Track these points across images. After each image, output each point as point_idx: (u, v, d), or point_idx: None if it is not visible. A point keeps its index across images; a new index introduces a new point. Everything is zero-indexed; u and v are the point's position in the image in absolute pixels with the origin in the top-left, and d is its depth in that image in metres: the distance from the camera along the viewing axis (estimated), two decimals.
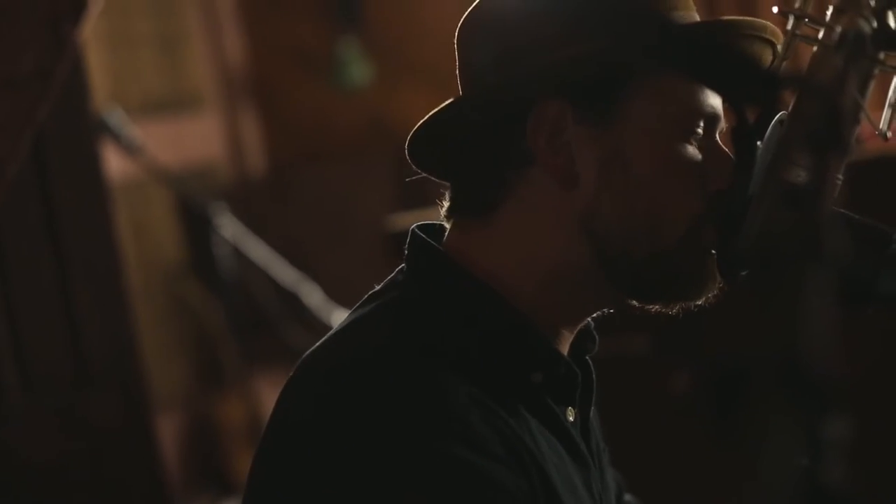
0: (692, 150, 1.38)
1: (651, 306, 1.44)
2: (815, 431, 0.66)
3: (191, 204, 4.53)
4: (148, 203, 5.19)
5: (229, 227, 4.28)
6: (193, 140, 5.64)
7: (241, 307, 4.76)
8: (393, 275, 1.45)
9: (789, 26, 1.36)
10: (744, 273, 1.37)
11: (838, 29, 1.15)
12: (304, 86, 6.00)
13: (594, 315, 1.48)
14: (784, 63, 1.38)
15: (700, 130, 1.39)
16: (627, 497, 1.76)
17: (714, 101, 1.39)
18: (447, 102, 1.42)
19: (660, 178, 1.37)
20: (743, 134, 1.32)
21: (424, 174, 1.47)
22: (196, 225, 4.58)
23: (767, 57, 1.41)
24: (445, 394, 1.30)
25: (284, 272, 4.15)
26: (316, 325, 3.86)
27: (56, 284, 3.29)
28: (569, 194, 1.38)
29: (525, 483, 1.30)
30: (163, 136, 5.19)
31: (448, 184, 1.46)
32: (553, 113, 1.37)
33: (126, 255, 3.98)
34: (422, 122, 1.42)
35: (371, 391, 1.31)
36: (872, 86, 1.20)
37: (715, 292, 1.42)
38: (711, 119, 1.40)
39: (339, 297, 4.08)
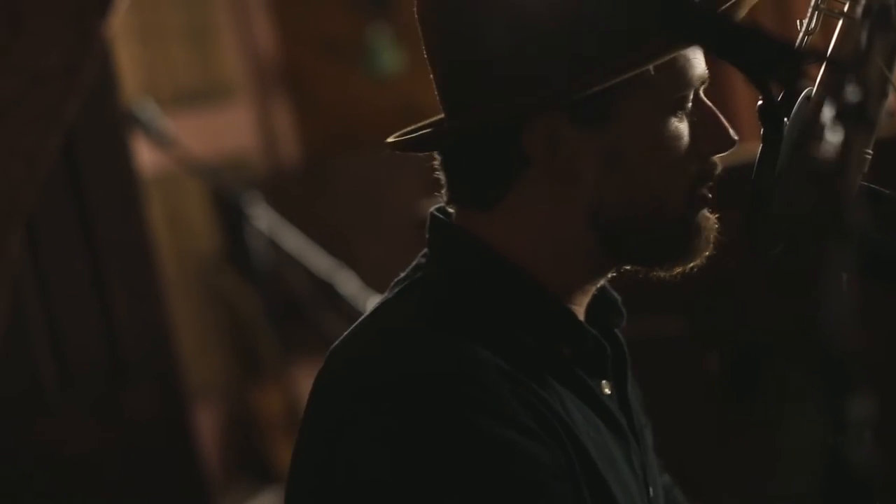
0: (684, 126, 1.39)
1: (652, 272, 1.45)
2: (840, 410, 0.65)
3: (225, 195, 4.54)
4: (182, 195, 5.20)
5: (263, 217, 4.28)
6: (226, 131, 5.65)
7: (277, 297, 4.76)
8: (416, 259, 1.45)
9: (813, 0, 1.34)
10: (774, 250, 1.35)
11: (863, 1, 1.13)
12: (336, 74, 6.00)
13: (610, 288, 1.50)
14: (809, 37, 1.36)
15: (689, 104, 1.39)
16: (665, 478, 1.76)
17: (702, 69, 1.39)
18: (436, 125, 1.42)
19: (658, 166, 1.38)
20: (769, 111, 1.31)
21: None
22: (230, 215, 4.58)
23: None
24: (475, 369, 1.30)
25: (320, 261, 4.15)
26: (352, 312, 3.86)
27: (91, 278, 3.30)
28: (570, 192, 1.39)
29: (561, 455, 1.30)
30: (195, 127, 5.20)
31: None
32: (547, 119, 1.36)
33: (161, 247, 3.99)
34: (407, 136, 1.42)
35: (400, 371, 1.32)
36: None
37: (708, 252, 1.43)
38: (698, 87, 1.40)
39: (375, 283, 4.08)
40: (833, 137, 0.93)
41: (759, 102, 1.32)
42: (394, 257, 1.58)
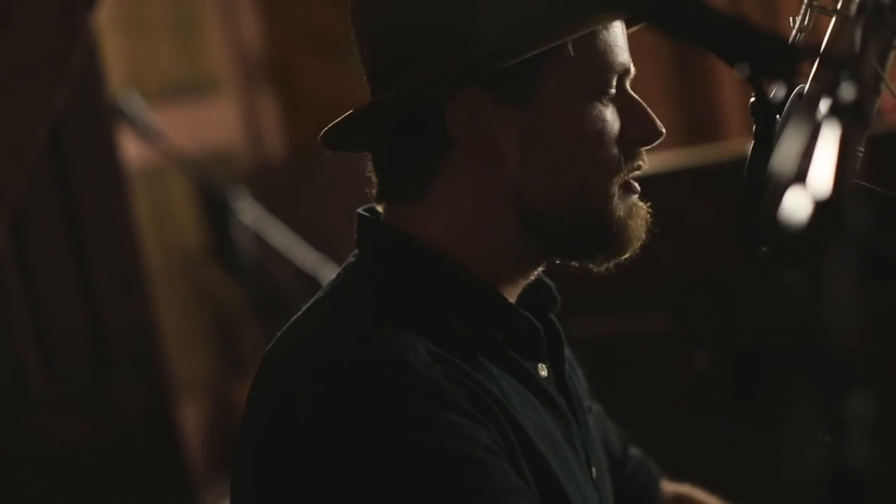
0: (609, 112, 1.39)
1: (583, 264, 1.46)
2: (838, 409, 0.65)
3: (210, 188, 4.53)
4: (167, 188, 5.19)
5: (249, 211, 4.28)
6: (211, 124, 5.64)
7: (262, 291, 4.76)
8: (347, 260, 1.48)
9: None
10: (764, 248, 1.36)
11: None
12: (322, 68, 5.99)
13: (543, 275, 1.50)
14: (802, 34, 1.36)
15: (612, 90, 1.39)
16: (633, 451, 1.76)
17: (624, 57, 1.40)
18: (360, 107, 1.43)
19: (581, 147, 1.38)
20: (762, 108, 1.31)
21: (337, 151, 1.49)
22: (215, 209, 4.57)
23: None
24: (406, 354, 1.30)
25: (305, 255, 4.15)
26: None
27: (76, 272, 3.29)
28: (494, 174, 1.40)
29: (497, 433, 1.31)
30: (181, 120, 5.19)
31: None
32: (469, 98, 1.37)
33: (146, 240, 3.98)
34: (333, 124, 1.42)
35: (332, 360, 1.32)
36: (893, 56, 1.18)
37: (639, 244, 1.43)
38: (622, 74, 1.40)
39: None
40: (826, 135, 0.93)
41: (752, 99, 1.31)
42: None
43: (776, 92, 1.31)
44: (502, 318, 1.42)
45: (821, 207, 0.81)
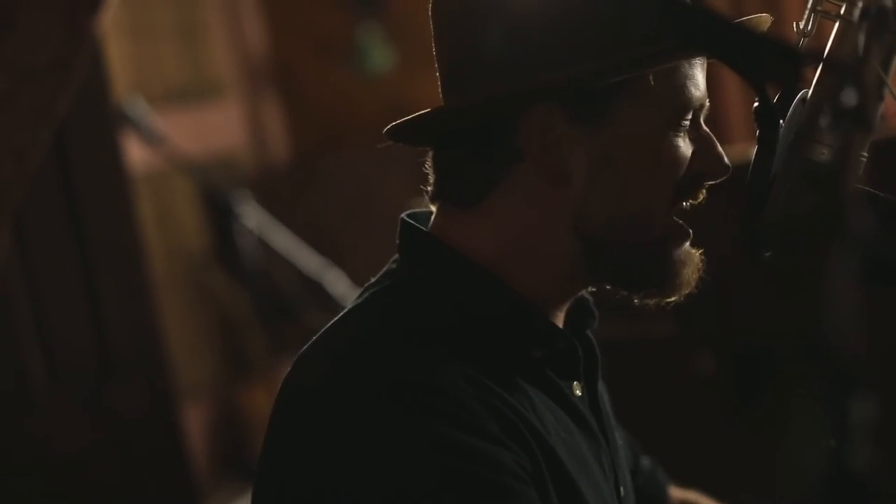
0: (681, 145, 1.38)
1: (627, 295, 1.45)
2: (840, 413, 0.65)
3: (214, 193, 4.53)
4: (171, 193, 5.19)
5: (253, 216, 4.28)
6: (216, 129, 5.64)
7: (266, 295, 4.76)
8: (386, 266, 1.46)
9: (811, 2, 1.34)
10: (768, 253, 1.35)
11: (860, 4, 1.13)
12: (326, 72, 5.99)
13: (590, 290, 1.49)
14: (806, 39, 1.36)
15: (687, 123, 1.39)
16: (644, 461, 1.76)
17: (703, 92, 1.40)
18: (436, 109, 1.41)
19: (648, 177, 1.38)
20: (765, 112, 1.31)
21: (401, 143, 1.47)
22: (219, 213, 4.57)
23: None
24: (437, 375, 1.29)
25: (309, 260, 4.15)
26: (341, 312, 3.85)
27: (79, 275, 3.30)
28: (558, 192, 1.38)
29: (525, 459, 1.30)
30: (185, 125, 5.19)
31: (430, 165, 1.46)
32: (544, 114, 1.36)
33: (150, 245, 3.98)
34: (405, 120, 1.41)
35: (361, 380, 1.31)
36: None
37: (689, 290, 1.42)
38: (698, 110, 1.40)
39: (363, 282, 4.07)
40: (828, 140, 0.93)
41: (755, 104, 1.31)
42: (382, 256, 1.58)
43: (779, 97, 1.31)
44: (542, 338, 1.41)
45: (823, 212, 0.81)
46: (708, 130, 1.42)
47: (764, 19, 1.40)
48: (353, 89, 5.93)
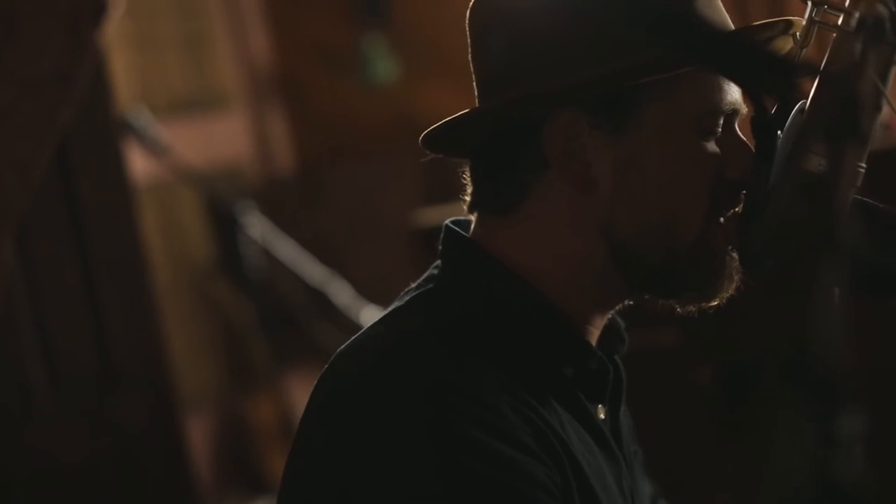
0: (710, 149, 1.37)
1: (667, 303, 1.43)
2: (829, 427, 0.65)
3: (218, 203, 4.54)
4: (176, 203, 5.19)
5: (257, 226, 4.28)
6: (220, 139, 5.64)
7: (270, 306, 4.76)
8: (429, 270, 1.46)
9: (808, 13, 1.34)
10: (768, 264, 1.35)
11: (857, 14, 1.13)
12: (331, 83, 5.99)
13: (618, 308, 1.48)
14: (804, 50, 1.36)
15: (719, 129, 1.37)
16: (648, 487, 1.75)
17: (734, 97, 1.38)
18: (464, 112, 1.42)
19: (675, 183, 1.37)
20: (762, 124, 1.31)
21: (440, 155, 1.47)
22: (224, 224, 4.58)
23: (791, 48, 1.39)
24: (477, 382, 1.30)
25: (313, 270, 4.15)
26: (345, 322, 3.85)
27: (83, 286, 3.30)
28: (586, 199, 1.38)
29: (556, 474, 1.30)
30: (190, 135, 5.19)
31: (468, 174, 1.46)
32: (568, 120, 1.36)
33: (154, 255, 3.98)
34: (437, 125, 1.41)
35: (400, 379, 1.32)
36: (894, 71, 1.18)
37: (730, 293, 1.40)
38: (731, 115, 1.38)
39: (368, 293, 4.07)
40: (825, 151, 0.93)
41: (752, 115, 1.31)
42: (387, 267, 1.58)
43: (777, 108, 1.31)
44: (576, 355, 1.40)
45: (819, 223, 0.81)
46: (743, 138, 1.40)
47: (793, 22, 1.38)
48: (358, 100, 5.93)
